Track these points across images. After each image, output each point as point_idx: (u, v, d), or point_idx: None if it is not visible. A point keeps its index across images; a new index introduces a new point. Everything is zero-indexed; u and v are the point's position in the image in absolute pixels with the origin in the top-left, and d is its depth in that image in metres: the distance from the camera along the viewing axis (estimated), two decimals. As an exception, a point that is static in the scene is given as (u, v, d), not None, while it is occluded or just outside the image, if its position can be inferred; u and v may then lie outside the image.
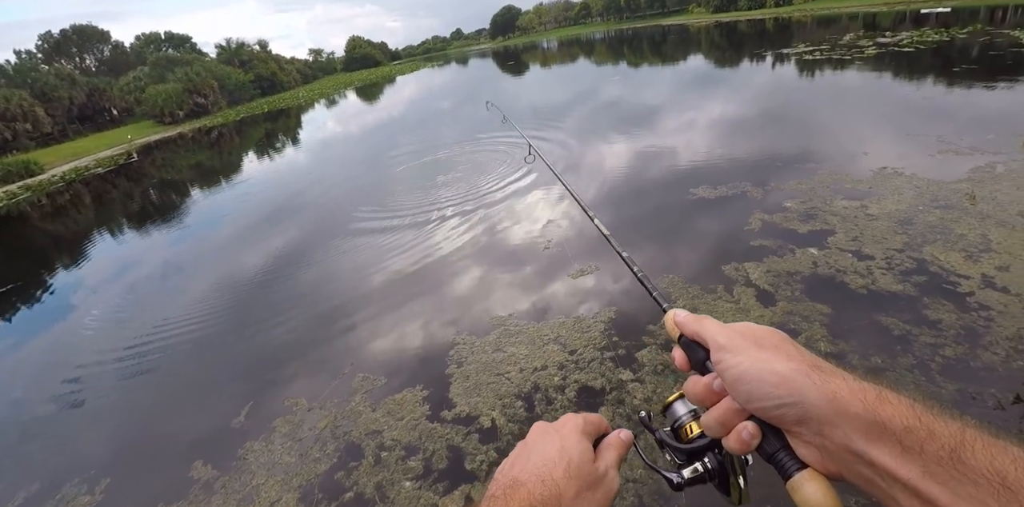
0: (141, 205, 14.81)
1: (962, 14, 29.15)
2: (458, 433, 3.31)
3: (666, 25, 70.73)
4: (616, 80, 22.71)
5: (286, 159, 18.07)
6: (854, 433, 0.42)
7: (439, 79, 47.54)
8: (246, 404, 4.07)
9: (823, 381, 0.45)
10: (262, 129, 31.35)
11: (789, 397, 0.46)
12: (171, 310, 6.25)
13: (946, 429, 0.39)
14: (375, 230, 7.60)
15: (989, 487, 0.35)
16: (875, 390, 0.43)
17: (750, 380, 0.49)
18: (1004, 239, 4.47)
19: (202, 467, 3.53)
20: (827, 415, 0.44)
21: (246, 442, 3.66)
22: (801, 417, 0.46)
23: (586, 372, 3.63)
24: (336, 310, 5.43)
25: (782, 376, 0.47)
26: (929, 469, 0.38)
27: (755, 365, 0.49)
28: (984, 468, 0.36)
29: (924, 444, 0.39)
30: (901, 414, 0.41)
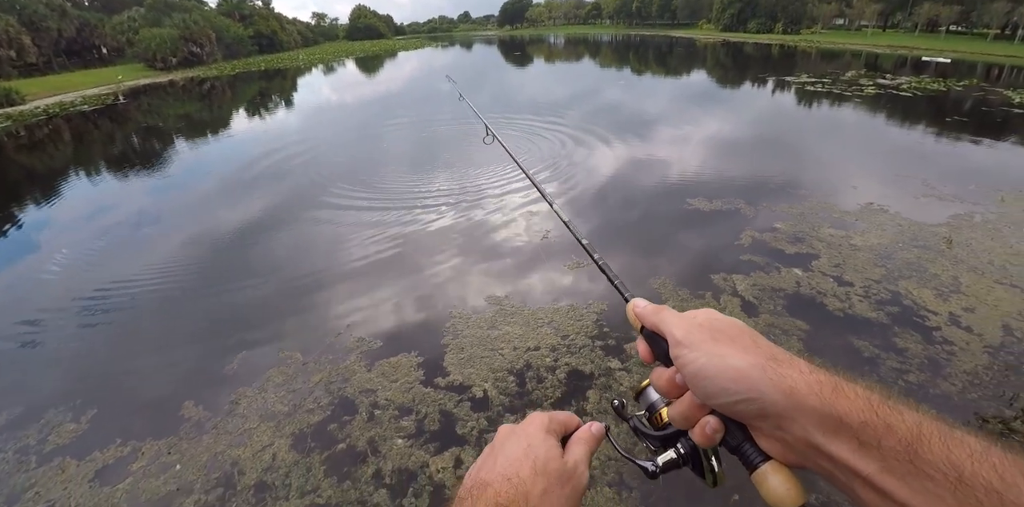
0: (123, 149, 14.43)
1: (960, 67, 30.14)
2: (451, 400, 3.47)
3: (674, 37, 71.16)
4: (621, 84, 22.94)
5: (277, 120, 17.82)
6: (812, 427, 0.42)
7: (442, 60, 47.10)
8: (240, 352, 4.15)
9: (779, 376, 0.45)
10: (256, 87, 30.72)
11: (746, 393, 0.45)
12: (169, 255, 6.24)
13: (903, 423, 0.39)
14: (379, 201, 7.66)
15: (945, 482, 0.35)
16: (832, 383, 0.43)
17: (707, 376, 0.48)
18: (973, 283, 4.81)
19: (193, 407, 3.61)
20: (785, 410, 0.44)
21: (239, 388, 3.75)
22: (760, 412, 0.45)
23: (577, 357, 3.83)
24: (336, 271, 5.54)
25: (739, 371, 0.46)
26: (886, 464, 0.38)
27: (712, 361, 0.49)
28: (940, 462, 0.36)
29: (881, 439, 0.39)
30: (858, 408, 0.41)
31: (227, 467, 3.12)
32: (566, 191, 7.83)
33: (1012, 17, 49.51)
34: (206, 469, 3.13)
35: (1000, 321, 4.20)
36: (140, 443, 3.35)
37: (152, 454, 3.27)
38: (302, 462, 3.10)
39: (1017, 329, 4.10)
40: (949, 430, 0.38)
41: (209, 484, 3.03)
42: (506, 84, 25.13)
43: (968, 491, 0.34)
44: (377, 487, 2.90)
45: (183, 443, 3.33)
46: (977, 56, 38.56)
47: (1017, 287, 4.76)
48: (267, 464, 3.12)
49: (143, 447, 3.32)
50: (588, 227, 6.52)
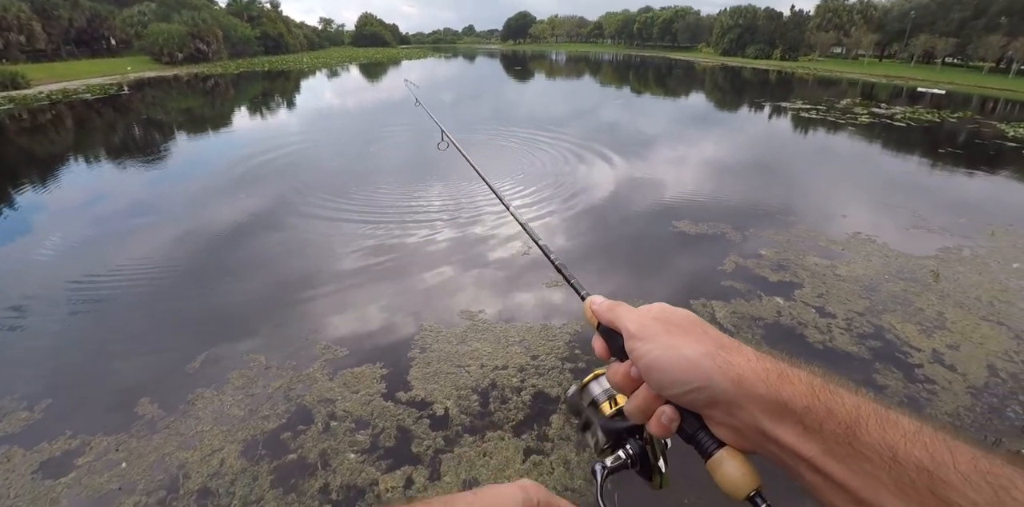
0: (123, 138, 14.35)
1: (956, 98, 30.59)
2: (410, 415, 3.38)
3: (674, 59, 72.07)
4: (619, 103, 23.09)
5: (278, 120, 17.77)
6: (759, 413, 0.44)
7: (444, 71, 47.37)
8: (203, 351, 4.04)
9: (728, 364, 0.46)
10: (259, 86, 30.75)
11: (697, 382, 0.47)
12: (144, 250, 6.11)
13: (843, 407, 0.41)
14: (361, 207, 7.59)
15: (881, 462, 0.37)
16: (777, 369, 0.45)
17: (661, 368, 0.49)
18: (959, 319, 4.75)
19: (148, 405, 3.51)
20: (734, 397, 0.45)
21: (197, 388, 3.65)
22: (711, 400, 0.47)
23: (545, 378, 3.74)
24: (310, 277, 5.43)
25: (691, 362, 0.48)
26: (828, 447, 0.40)
27: (665, 352, 0.50)
28: (877, 444, 0.38)
29: (823, 423, 0.40)
30: (801, 393, 0.42)
31: (173, 469, 3.02)
32: (545, 205, 7.79)
33: (1007, 51, 50.44)
34: (152, 470, 3.02)
35: (985, 360, 4.12)
36: (90, 437, 3.25)
37: (100, 450, 3.17)
38: (250, 470, 2.99)
39: (1002, 369, 4.01)
40: (885, 412, 0.40)
41: (152, 486, 2.92)
42: (504, 98, 25.28)
43: (901, 470, 0.36)
44: (322, 503, 2.79)
45: (133, 441, 3.23)
46: (972, 88, 39.24)
47: (1004, 325, 4.70)
48: (214, 469, 3.02)
49: (92, 442, 3.22)
50: (567, 245, 6.44)
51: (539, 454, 3.12)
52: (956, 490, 0.34)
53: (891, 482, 0.36)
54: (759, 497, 0.45)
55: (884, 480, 0.37)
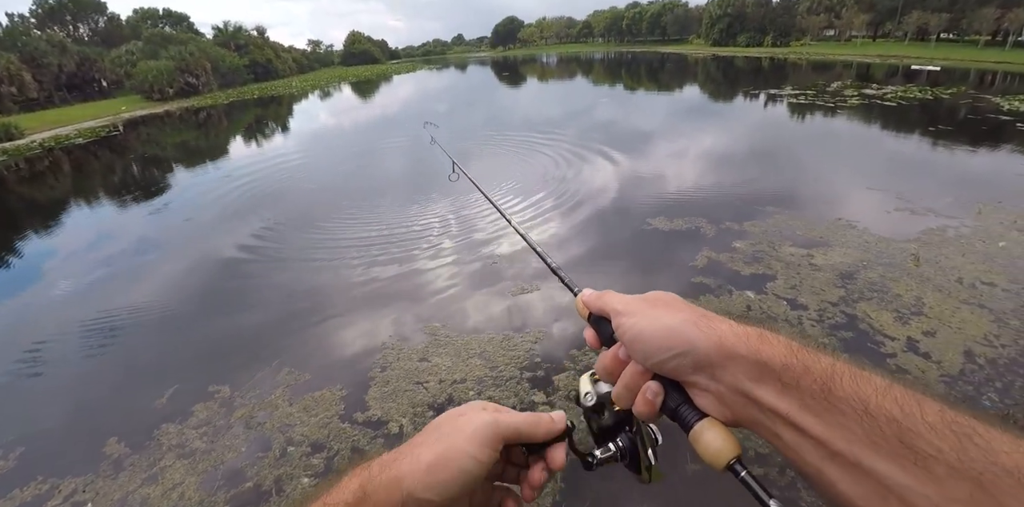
0: (122, 178, 14.61)
1: (952, 74, 30.16)
2: (365, 435, 3.41)
3: (665, 53, 71.84)
4: (605, 102, 23.09)
5: (273, 146, 18.02)
6: (741, 374, 0.45)
7: (435, 83, 47.77)
8: (171, 387, 4.12)
9: (710, 329, 0.48)
10: (252, 114, 31.19)
11: (681, 347, 0.48)
12: (119, 289, 6.26)
13: (818, 364, 0.42)
14: (346, 231, 7.67)
15: (854, 414, 0.39)
16: (757, 332, 0.47)
17: (646, 337, 0.51)
18: (937, 304, 4.60)
19: (116, 444, 3.58)
20: (717, 360, 0.47)
21: (163, 423, 3.71)
22: (695, 365, 0.48)
23: (501, 389, 3.76)
24: (279, 303, 5.50)
25: (673, 329, 0.50)
26: (804, 402, 0.41)
27: (650, 323, 0.51)
28: (850, 397, 0.40)
29: (800, 380, 0.42)
30: (780, 353, 0.44)
31: (135, 506, 3.08)
32: (523, 200, 7.82)
33: (1002, 23, 49.65)
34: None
35: (962, 346, 3.98)
36: (59, 480, 3.33)
37: (68, 492, 3.24)
38: (207, 501, 3.04)
39: (979, 355, 3.86)
40: (859, 370, 0.42)
41: (115, 524, 2.98)
42: (494, 105, 25.41)
43: (873, 421, 0.38)
44: (275, 530, 2.83)
45: (99, 481, 3.30)
46: (968, 63, 38.64)
47: (985, 307, 4.53)
48: (173, 503, 3.08)
49: (61, 485, 3.29)
50: (548, 240, 6.44)
51: (493, 467, 3.12)
52: (923, 438, 0.36)
53: (863, 433, 0.38)
54: (739, 464, 0.46)
55: (857, 432, 0.38)
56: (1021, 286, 4.97)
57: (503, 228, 7.08)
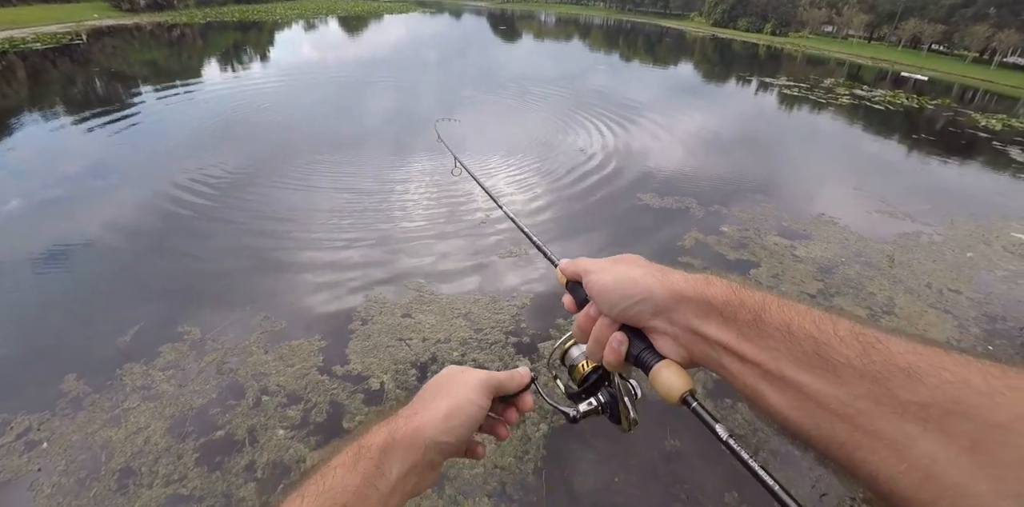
0: (83, 93, 13.49)
1: (937, 86, 30.75)
2: (344, 390, 3.30)
3: (665, 27, 70.52)
4: (601, 69, 22.63)
5: (252, 75, 16.99)
6: (691, 314, 0.51)
7: (428, 29, 45.77)
8: (136, 324, 3.86)
9: (665, 277, 0.54)
10: (230, 38, 29.27)
11: (640, 295, 0.54)
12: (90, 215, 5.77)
13: (752, 299, 0.48)
14: (327, 169, 7.32)
15: (780, 336, 0.44)
16: (704, 278, 0.53)
17: (611, 289, 0.57)
18: (907, 305, 4.83)
19: (74, 381, 3.35)
20: (671, 303, 0.53)
21: (126, 363, 3.49)
22: (653, 310, 0.54)
23: (486, 352, 3.69)
24: (256, 244, 5.22)
25: (633, 279, 0.55)
26: (741, 332, 0.47)
27: (614, 276, 0.57)
28: (777, 323, 0.45)
29: (736, 313, 0.48)
30: (721, 292, 0.50)
31: (96, 449, 2.91)
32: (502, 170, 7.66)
33: (991, 42, 50.72)
34: (74, 449, 2.91)
35: None
36: (12, 416, 3.10)
37: (21, 429, 3.03)
38: (174, 448, 2.90)
39: None
40: (785, 300, 0.47)
41: (73, 465, 2.82)
42: (492, 59, 24.55)
43: (795, 340, 0.43)
44: (247, 480, 2.73)
45: (56, 419, 3.09)
46: (954, 77, 39.46)
47: (949, 313, 4.80)
48: (138, 448, 2.92)
49: (13, 421, 3.08)
50: (526, 211, 6.31)
51: (473, 432, 3.08)
52: (834, 349, 0.41)
53: (788, 352, 0.43)
54: (690, 397, 0.52)
55: (783, 351, 0.44)
56: (983, 296, 5.23)
57: (508, 186, 6.93)
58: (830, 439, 0.40)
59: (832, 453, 0.40)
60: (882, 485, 0.36)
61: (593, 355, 0.62)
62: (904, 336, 0.40)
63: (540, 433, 3.11)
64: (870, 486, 0.38)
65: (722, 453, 3.01)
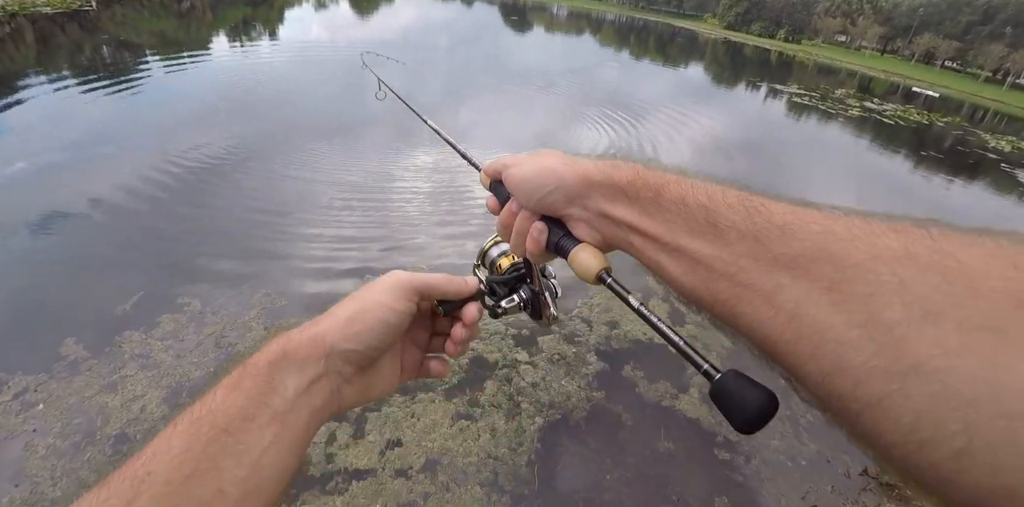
0: (90, 60, 13.34)
1: (949, 103, 30.82)
2: (343, 372, 3.31)
3: (677, 27, 70.25)
4: (612, 66, 22.53)
5: (260, 51, 16.86)
6: (600, 198, 0.53)
7: (439, 14, 45.38)
8: (136, 293, 3.86)
9: (577, 166, 0.55)
10: (240, 13, 28.96)
11: (555, 183, 0.55)
12: (97, 182, 5.71)
13: (653, 177, 0.50)
14: (336, 149, 7.29)
15: (676, 209, 0.46)
16: (612, 163, 0.54)
17: (527, 179, 0.58)
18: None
19: (73, 345, 3.35)
20: (583, 190, 0.54)
21: (125, 331, 3.49)
22: (567, 197, 0.55)
23: (485, 342, 3.70)
24: (263, 219, 5.21)
25: (548, 168, 0.56)
26: (644, 209, 0.49)
27: (530, 167, 0.58)
28: (673, 197, 0.47)
29: (640, 192, 0.50)
30: (627, 175, 0.51)
31: (92, 414, 2.92)
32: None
33: (1005, 62, 50.66)
34: (69, 413, 2.92)
35: None
36: (9, 376, 3.10)
37: (18, 389, 3.03)
38: (169, 417, 2.90)
39: None
40: (683, 177, 0.49)
41: (68, 428, 2.84)
42: (498, 46, 24.40)
43: (689, 211, 0.45)
44: (241, 454, 2.74)
45: (53, 382, 3.10)
46: (965, 95, 39.51)
47: None
48: (134, 415, 2.94)
49: (10, 380, 3.08)
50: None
51: (467, 419, 3.11)
52: (722, 216, 0.43)
53: (683, 223, 0.45)
54: (605, 273, 0.53)
55: (679, 223, 0.46)
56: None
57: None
58: (715, 297, 0.43)
59: (718, 310, 0.43)
60: (756, 332, 0.39)
61: (516, 249, 0.63)
62: (786, 200, 0.43)
63: (535, 426, 3.13)
64: (749, 336, 0.41)
65: (715, 458, 3.05)
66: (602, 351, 3.84)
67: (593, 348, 3.85)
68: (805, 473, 3.14)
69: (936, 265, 0.31)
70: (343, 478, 2.70)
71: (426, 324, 0.66)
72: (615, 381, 3.60)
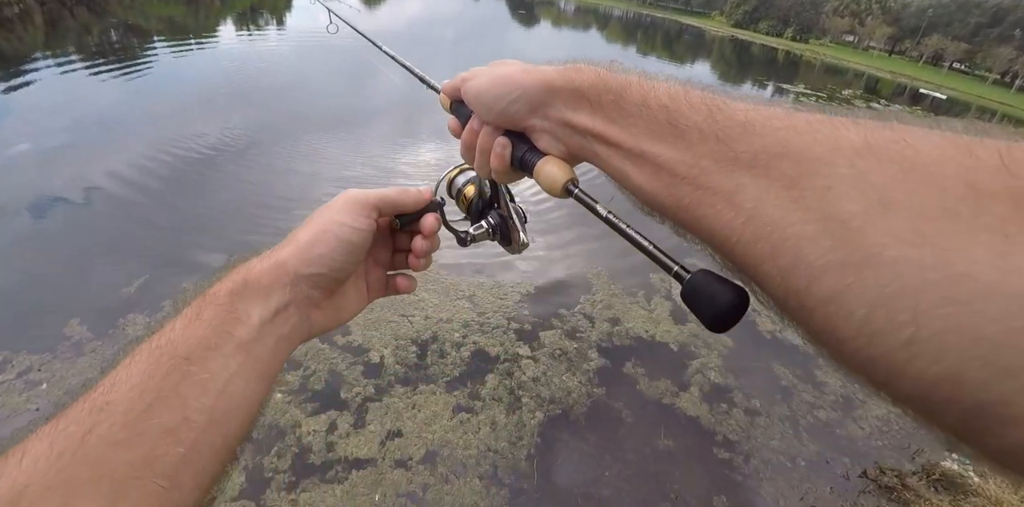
0: (98, 44, 13.29)
1: (956, 106, 30.69)
2: (344, 360, 3.31)
3: (685, 24, 69.96)
4: (620, 63, 22.37)
5: (267, 42, 16.79)
6: (563, 106, 0.50)
7: (446, 7, 45.16)
8: (141, 276, 3.86)
9: (538, 72, 0.52)
10: (248, 1, 28.85)
11: (514, 91, 0.52)
12: (110, 161, 5.72)
13: (616, 80, 0.47)
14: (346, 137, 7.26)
15: (637, 112, 0.44)
16: (574, 66, 0.50)
17: (485, 90, 0.55)
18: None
19: (77, 326, 3.36)
20: (544, 98, 0.51)
21: (129, 313, 3.50)
22: (529, 106, 0.52)
23: (488, 336, 3.71)
24: (267, 205, 5.19)
25: (506, 76, 0.53)
26: (606, 115, 0.46)
27: (488, 78, 0.55)
28: (635, 99, 0.44)
29: (601, 97, 0.47)
30: (589, 78, 0.48)
31: (93, 396, 2.94)
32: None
33: (1014, 65, 50.41)
34: (73, 393, 2.92)
35: None
36: (14, 354, 3.12)
37: (23, 368, 3.05)
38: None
39: None
40: (646, 78, 0.46)
41: (70, 411, 2.85)
42: (505, 40, 24.31)
43: (650, 113, 0.43)
44: (241, 441, 2.76)
45: (57, 362, 3.11)
46: (972, 98, 39.33)
47: None
48: (135, 399, 2.94)
49: (16, 359, 3.09)
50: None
51: (468, 412, 3.12)
52: (684, 116, 0.41)
53: (645, 127, 0.43)
54: (572, 185, 0.51)
55: (641, 127, 0.43)
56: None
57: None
58: (678, 203, 0.41)
59: (680, 216, 0.41)
60: (717, 236, 0.38)
61: (481, 169, 0.60)
62: (751, 98, 0.41)
63: (535, 421, 3.14)
64: (709, 242, 0.40)
65: (714, 457, 3.06)
66: (604, 347, 3.85)
67: (595, 344, 3.86)
68: (804, 474, 3.15)
69: (894, 155, 0.30)
70: (343, 467, 2.71)
71: (386, 242, 0.65)
72: (616, 378, 3.60)
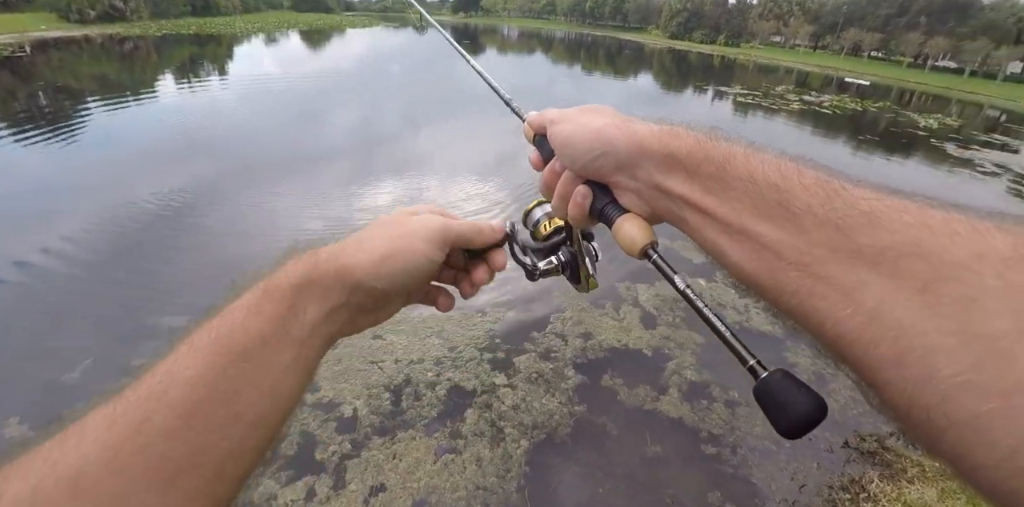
0: (25, 107, 12.79)
1: (878, 90, 32.38)
2: (316, 419, 3.16)
3: (624, 40, 72.41)
4: (564, 81, 22.98)
5: (209, 93, 16.54)
6: (654, 169, 0.48)
7: (392, 42, 45.78)
8: (86, 359, 3.59)
9: (630, 130, 0.50)
10: (187, 52, 28.52)
11: (603, 148, 0.51)
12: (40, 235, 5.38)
13: (717, 150, 0.44)
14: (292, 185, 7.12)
15: (743, 187, 0.41)
16: (670, 130, 0.49)
17: (574, 141, 0.54)
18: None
19: (17, 426, 3.07)
20: (634, 158, 0.49)
21: (77, 404, 3.26)
22: (616, 164, 0.51)
23: (461, 371, 3.61)
24: (221, 267, 4.98)
25: (597, 131, 0.52)
26: (705, 185, 0.44)
27: (577, 127, 0.54)
28: (740, 173, 0.42)
29: (700, 165, 0.44)
30: (686, 145, 0.46)
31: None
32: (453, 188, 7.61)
33: (924, 48, 53.95)
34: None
35: None
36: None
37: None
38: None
39: None
40: (752, 150, 0.44)
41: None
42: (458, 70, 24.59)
43: (758, 190, 0.40)
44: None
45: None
46: (893, 81, 41.70)
47: None
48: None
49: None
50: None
51: (451, 452, 3.00)
52: (797, 198, 0.38)
53: (750, 203, 0.41)
54: (651, 250, 0.49)
55: (745, 202, 0.41)
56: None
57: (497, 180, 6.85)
58: (783, 288, 0.38)
59: (784, 303, 0.39)
60: (827, 330, 0.36)
61: (558, 211, 0.59)
62: (872, 185, 0.39)
63: (521, 450, 3.05)
64: (817, 333, 0.37)
65: (702, 454, 3.02)
66: (579, 363, 3.80)
67: (570, 362, 3.80)
68: (790, 454, 3.17)
69: None
70: (326, 534, 2.55)
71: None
72: (595, 392, 3.56)
